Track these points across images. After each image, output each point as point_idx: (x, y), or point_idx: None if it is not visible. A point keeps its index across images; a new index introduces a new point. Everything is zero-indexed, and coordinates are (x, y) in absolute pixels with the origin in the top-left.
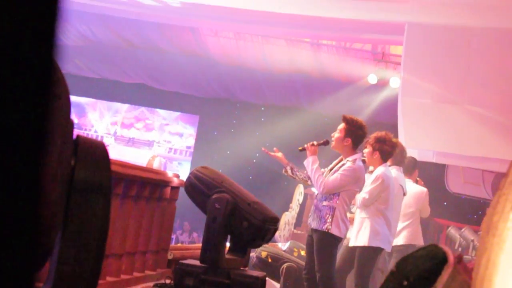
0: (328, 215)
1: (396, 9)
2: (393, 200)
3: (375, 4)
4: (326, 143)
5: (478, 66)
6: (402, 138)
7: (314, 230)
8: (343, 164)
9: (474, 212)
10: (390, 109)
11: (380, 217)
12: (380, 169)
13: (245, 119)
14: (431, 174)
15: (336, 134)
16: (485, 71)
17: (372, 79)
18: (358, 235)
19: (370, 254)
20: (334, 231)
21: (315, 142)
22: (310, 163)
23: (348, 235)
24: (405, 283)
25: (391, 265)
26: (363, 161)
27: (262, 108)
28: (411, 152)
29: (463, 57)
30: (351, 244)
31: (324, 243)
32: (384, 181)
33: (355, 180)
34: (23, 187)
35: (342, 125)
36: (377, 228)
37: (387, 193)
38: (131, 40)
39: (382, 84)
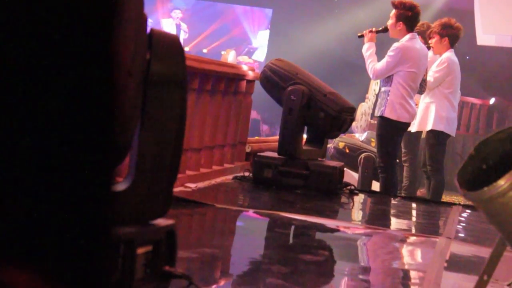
0: (383, 100)
1: None
2: (458, 85)
3: None
4: (385, 30)
5: None
6: (479, 23)
7: (377, 118)
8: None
9: None
10: None
11: (445, 102)
12: (446, 54)
13: (318, 11)
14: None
15: (389, 21)
16: None
17: None
18: (422, 119)
19: (436, 137)
20: (389, 114)
21: (373, 29)
22: (365, 49)
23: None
24: (484, 166)
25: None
26: (428, 48)
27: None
28: (488, 38)
29: None
30: (414, 130)
31: (380, 128)
32: (449, 65)
33: (403, 60)
34: (97, 81)
35: (393, 11)
36: (442, 112)
37: (452, 77)
38: None
39: None
